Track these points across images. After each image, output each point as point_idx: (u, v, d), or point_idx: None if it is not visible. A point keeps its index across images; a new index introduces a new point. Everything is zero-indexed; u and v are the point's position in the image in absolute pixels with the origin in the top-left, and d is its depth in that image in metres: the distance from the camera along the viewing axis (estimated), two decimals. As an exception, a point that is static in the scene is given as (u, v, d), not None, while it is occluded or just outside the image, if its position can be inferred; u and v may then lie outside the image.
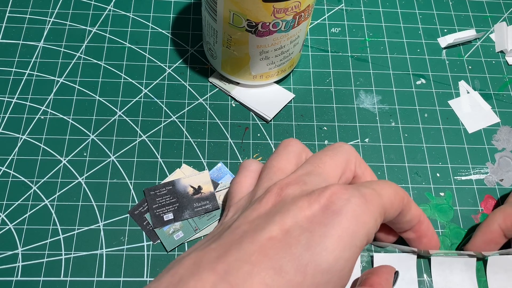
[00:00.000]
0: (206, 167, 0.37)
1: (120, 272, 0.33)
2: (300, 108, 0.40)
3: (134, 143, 0.38)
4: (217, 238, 0.23)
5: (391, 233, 0.33)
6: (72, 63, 0.41)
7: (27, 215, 0.34)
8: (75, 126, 0.38)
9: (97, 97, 0.39)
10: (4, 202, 0.35)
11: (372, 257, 0.34)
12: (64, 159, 0.37)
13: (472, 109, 0.41)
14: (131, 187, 0.36)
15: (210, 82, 0.41)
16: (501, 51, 0.45)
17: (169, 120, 0.39)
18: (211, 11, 0.34)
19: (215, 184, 0.36)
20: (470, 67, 0.44)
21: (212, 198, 0.35)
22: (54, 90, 0.39)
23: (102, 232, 0.34)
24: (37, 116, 0.38)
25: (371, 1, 0.47)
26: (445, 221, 0.36)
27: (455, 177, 0.38)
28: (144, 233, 0.34)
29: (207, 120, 0.39)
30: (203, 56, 0.42)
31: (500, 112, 0.41)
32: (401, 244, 0.33)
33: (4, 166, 0.36)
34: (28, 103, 0.39)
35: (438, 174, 0.38)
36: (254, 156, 0.38)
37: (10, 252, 0.33)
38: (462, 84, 0.43)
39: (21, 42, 0.42)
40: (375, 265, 0.33)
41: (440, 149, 0.39)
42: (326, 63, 0.43)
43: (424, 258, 0.34)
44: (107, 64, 0.41)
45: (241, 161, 0.37)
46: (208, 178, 0.36)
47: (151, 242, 0.34)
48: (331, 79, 0.42)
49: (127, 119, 0.39)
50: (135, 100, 0.39)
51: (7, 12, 0.43)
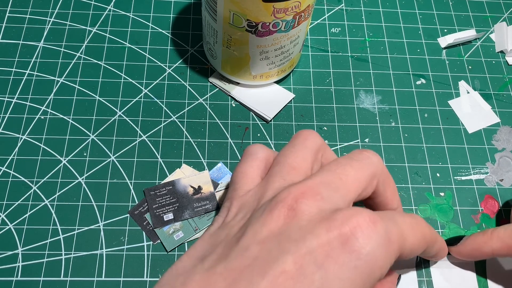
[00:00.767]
0: (206, 167, 0.37)
1: (120, 272, 0.33)
2: (300, 108, 0.40)
3: (134, 143, 0.38)
4: (224, 258, 0.21)
5: None
6: (72, 63, 0.41)
7: (27, 215, 0.34)
8: (75, 126, 0.38)
9: (97, 97, 0.39)
10: (4, 202, 0.35)
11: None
12: (64, 159, 0.37)
13: (472, 109, 0.41)
14: (131, 187, 0.36)
15: (210, 82, 0.41)
16: (501, 51, 0.45)
17: (169, 120, 0.39)
18: (211, 11, 0.34)
19: (215, 184, 0.36)
20: (470, 67, 0.44)
21: (212, 198, 0.35)
22: (54, 90, 0.39)
23: (102, 232, 0.34)
24: (37, 116, 0.38)
25: (371, 1, 0.47)
26: (445, 221, 0.36)
27: (455, 177, 0.38)
28: (144, 233, 0.34)
29: (207, 120, 0.39)
30: (203, 56, 0.42)
31: (500, 112, 0.41)
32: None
33: (4, 166, 0.36)
34: (28, 103, 0.39)
35: (438, 174, 0.38)
36: (254, 156, 0.38)
37: (10, 252, 0.33)
38: (462, 84, 0.43)
39: (21, 42, 0.42)
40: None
41: (440, 149, 0.39)
42: (326, 63, 0.43)
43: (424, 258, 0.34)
44: (107, 64, 0.41)
45: (241, 161, 0.37)
46: (208, 178, 0.36)
47: (151, 242, 0.34)
48: (331, 79, 0.42)
49: (127, 119, 0.39)
50: (135, 100, 0.39)
51: (7, 12, 0.43)
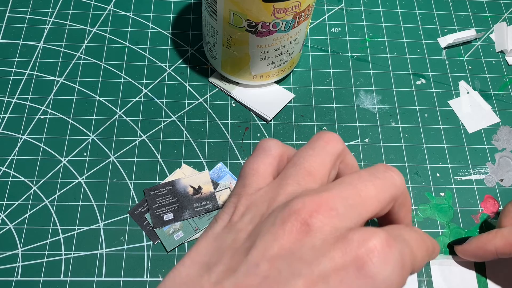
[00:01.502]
0: (206, 167, 0.37)
1: (120, 272, 0.33)
2: (300, 108, 0.40)
3: (134, 143, 0.38)
4: (232, 272, 0.20)
5: None
6: (72, 63, 0.41)
7: (27, 215, 0.34)
8: (75, 126, 0.38)
9: (97, 97, 0.39)
10: (4, 202, 0.35)
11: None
12: (64, 159, 0.37)
13: (472, 109, 0.41)
14: (131, 187, 0.36)
15: (210, 82, 0.41)
16: (501, 51, 0.45)
17: (169, 120, 0.39)
18: (211, 11, 0.34)
19: (215, 184, 0.36)
20: (470, 67, 0.44)
21: (212, 198, 0.35)
22: (54, 90, 0.39)
23: (102, 232, 0.34)
24: (37, 116, 0.38)
25: (371, 1, 0.47)
26: (445, 221, 0.36)
27: (455, 177, 0.38)
28: (144, 233, 0.34)
29: (207, 120, 0.39)
30: (203, 56, 0.42)
31: (500, 112, 0.41)
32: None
33: (4, 166, 0.36)
34: (28, 103, 0.39)
35: (438, 174, 0.38)
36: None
37: (10, 252, 0.33)
38: (462, 84, 0.43)
39: (21, 42, 0.42)
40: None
41: (440, 149, 0.39)
42: (326, 63, 0.43)
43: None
44: (107, 64, 0.41)
45: (241, 161, 0.37)
46: (208, 178, 0.36)
47: (151, 242, 0.34)
48: (331, 79, 0.42)
49: (127, 119, 0.39)
50: (135, 100, 0.39)
51: (7, 12, 0.43)
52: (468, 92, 0.42)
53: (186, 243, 0.34)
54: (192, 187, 0.36)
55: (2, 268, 0.32)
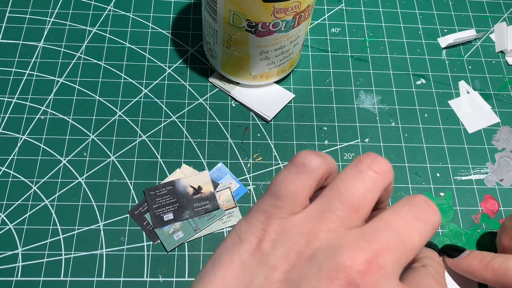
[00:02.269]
0: (206, 167, 0.37)
1: (120, 272, 0.33)
2: (300, 108, 0.40)
3: (134, 143, 0.38)
4: None
5: None
6: (72, 63, 0.41)
7: (27, 215, 0.34)
8: (75, 126, 0.38)
9: (97, 97, 0.39)
10: (4, 202, 0.35)
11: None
12: (64, 159, 0.37)
13: (472, 109, 0.41)
14: (131, 187, 0.36)
15: (210, 82, 0.41)
16: (501, 51, 0.45)
17: (169, 120, 0.39)
18: (211, 11, 0.34)
19: (215, 184, 0.36)
20: (470, 67, 0.44)
21: (212, 198, 0.35)
22: (54, 90, 0.39)
23: (102, 232, 0.34)
24: (37, 116, 0.38)
25: (371, 1, 0.47)
26: (445, 221, 0.36)
27: (455, 177, 0.38)
28: (144, 233, 0.34)
29: (207, 120, 0.39)
30: (203, 56, 0.42)
31: (500, 112, 0.41)
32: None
33: (4, 166, 0.36)
34: (28, 103, 0.39)
35: (438, 174, 0.38)
36: (254, 156, 0.38)
37: (10, 252, 0.33)
38: (462, 84, 0.43)
39: (21, 42, 0.42)
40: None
41: (440, 149, 0.39)
42: (326, 63, 0.43)
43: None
44: (107, 64, 0.41)
45: (241, 161, 0.37)
46: (208, 178, 0.36)
47: (151, 242, 0.34)
48: (331, 79, 0.42)
49: (127, 119, 0.39)
50: (135, 100, 0.39)
51: (7, 12, 0.43)
52: (468, 92, 0.42)
53: (186, 243, 0.34)
54: (192, 187, 0.36)
55: (2, 268, 0.32)
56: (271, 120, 0.39)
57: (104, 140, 0.38)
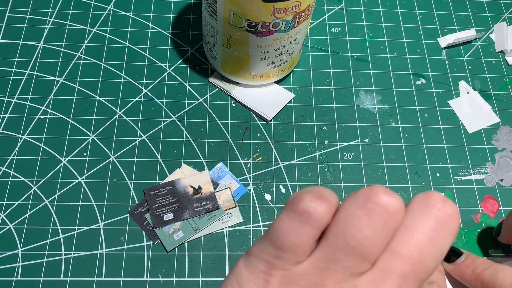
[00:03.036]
0: (206, 167, 0.37)
1: (120, 272, 0.33)
2: (300, 108, 0.40)
3: (134, 143, 0.38)
4: None
5: None
6: (72, 63, 0.41)
7: (27, 215, 0.34)
8: (75, 126, 0.38)
9: (97, 97, 0.39)
10: (4, 202, 0.35)
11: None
12: (64, 159, 0.37)
13: (472, 109, 0.41)
14: (131, 187, 0.36)
15: (210, 82, 0.41)
16: (501, 51, 0.45)
17: (169, 120, 0.39)
18: (211, 11, 0.34)
19: (215, 184, 0.36)
20: (470, 67, 0.44)
21: (212, 198, 0.35)
22: (54, 90, 0.39)
23: (102, 232, 0.34)
24: (37, 116, 0.38)
25: (371, 1, 0.47)
26: (445, 221, 0.36)
27: (455, 177, 0.38)
28: (144, 233, 0.34)
29: (207, 120, 0.39)
30: (203, 56, 0.42)
31: (500, 112, 0.41)
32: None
33: (4, 166, 0.36)
34: (28, 103, 0.39)
35: (438, 174, 0.38)
36: (254, 156, 0.38)
37: (10, 252, 0.33)
38: (462, 84, 0.43)
39: (21, 42, 0.42)
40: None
41: (440, 149, 0.39)
42: (326, 63, 0.43)
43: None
44: (107, 64, 0.41)
45: (241, 161, 0.37)
46: (208, 178, 0.36)
47: (151, 242, 0.34)
48: (331, 79, 0.42)
49: (127, 119, 0.39)
50: (135, 100, 0.39)
51: (7, 12, 0.43)
52: (468, 92, 0.42)
53: (186, 243, 0.34)
54: (192, 187, 0.36)
55: (2, 268, 0.32)
56: (271, 120, 0.39)
57: (104, 140, 0.38)
